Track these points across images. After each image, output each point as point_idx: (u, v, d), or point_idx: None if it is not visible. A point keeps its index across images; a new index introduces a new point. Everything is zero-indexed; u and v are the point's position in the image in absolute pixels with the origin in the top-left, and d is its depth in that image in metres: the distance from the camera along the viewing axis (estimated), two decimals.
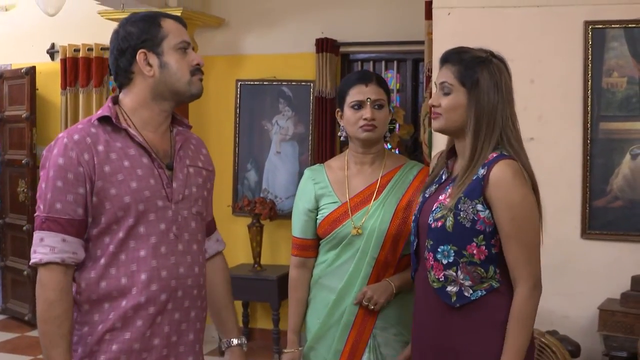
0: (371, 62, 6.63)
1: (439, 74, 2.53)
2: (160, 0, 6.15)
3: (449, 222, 2.41)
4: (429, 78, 5.13)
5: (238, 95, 6.66)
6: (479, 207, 2.41)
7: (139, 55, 2.36)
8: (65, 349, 2.24)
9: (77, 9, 6.65)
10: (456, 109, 2.46)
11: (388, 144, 5.04)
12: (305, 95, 6.55)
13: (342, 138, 3.06)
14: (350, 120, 2.96)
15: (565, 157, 4.26)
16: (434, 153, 4.44)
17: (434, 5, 4.47)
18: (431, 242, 2.47)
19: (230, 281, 2.73)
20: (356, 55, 6.64)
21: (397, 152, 5.93)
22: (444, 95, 2.48)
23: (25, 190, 7.02)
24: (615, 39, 4.19)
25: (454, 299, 2.44)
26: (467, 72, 2.45)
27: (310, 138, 6.55)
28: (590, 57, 4.20)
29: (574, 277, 4.20)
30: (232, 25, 6.71)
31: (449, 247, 2.42)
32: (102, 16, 6.38)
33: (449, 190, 2.48)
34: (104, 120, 2.36)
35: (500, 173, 2.39)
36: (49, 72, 7.20)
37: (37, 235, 2.28)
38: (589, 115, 4.22)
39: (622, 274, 4.06)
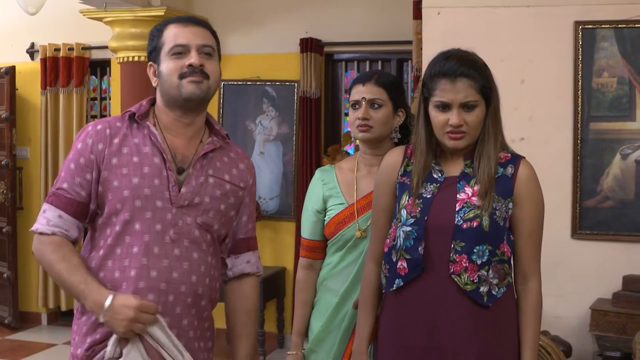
0: (355, 62, 6.61)
1: (448, 91, 2.38)
2: (144, 0, 6.08)
3: (485, 221, 2.38)
4: (417, 78, 5.11)
5: (221, 96, 6.61)
6: (510, 205, 2.42)
7: (148, 68, 2.48)
8: (85, 271, 2.30)
9: (58, 7, 6.57)
10: (481, 123, 2.43)
11: None
12: (289, 95, 6.52)
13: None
14: (350, 121, 2.95)
15: (556, 157, 4.26)
16: None
17: (423, 4, 4.45)
18: (462, 244, 2.38)
19: (255, 310, 2.61)
20: (340, 55, 6.61)
21: None
22: (468, 112, 2.39)
23: (5, 191, 6.91)
24: (606, 39, 4.20)
25: (485, 298, 2.40)
26: (484, 82, 2.40)
27: (294, 138, 6.51)
28: (580, 57, 4.21)
29: (564, 277, 4.20)
30: (215, 24, 6.43)
31: (485, 247, 2.38)
32: (84, 15, 6.30)
33: (472, 189, 2.42)
34: (134, 116, 2.44)
35: (529, 171, 2.45)
36: (29, 71, 7.10)
37: (43, 206, 2.40)
38: (580, 115, 4.23)
39: (613, 274, 4.08)
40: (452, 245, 2.40)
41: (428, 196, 2.46)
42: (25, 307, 7.11)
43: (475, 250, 2.38)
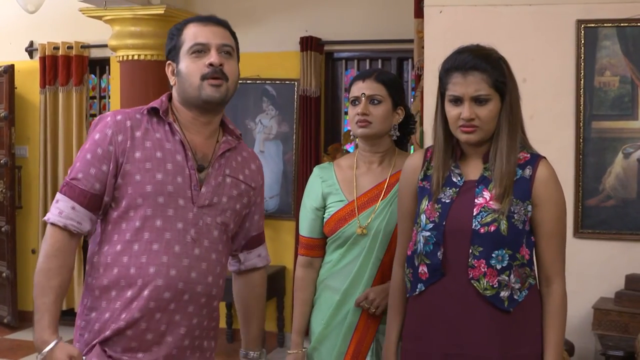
0: (355, 61, 6.60)
1: (460, 84, 2.36)
2: None
3: (503, 225, 2.34)
4: (418, 77, 5.10)
5: None
6: (529, 207, 2.38)
7: (167, 67, 2.47)
8: (52, 300, 2.28)
9: (57, 6, 6.54)
10: (495, 118, 2.38)
11: (411, 146, 4.97)
12: (289, 94, 6.50)
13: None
14: (350, 117, 2.94)
15: (558, 156, 4.21)
16: None
17: (425, 3, 4.44)
18: (480, 249, 2.35)
19: (263, 296, 2.75)
20: (340, 54, 6.60)
21: None
22: (481, 106, 2.36)
23: (4, 190, 6.89)
24: (608, 38, 4.19)
25: (506, 303, 2.36)
26: (500, 77, 2.37)
27: (294, 137, 6.50)
28: (582, 55, 4.21)
29: (567, 276, 4.14)
30: None
31: (504, 251, 2.35)
32: (83, 13, 6.28)
33: (491, 193, 2.38)
34: (153, 111, 2.42)
35: (548, 172, 2.41)
36: (28, 70, 7.07)
37: (57, 196, 2.37)
38: (582, 114, 4.22)
39: (616, 273, 4.08)
40: (471, 250, 2.37)
41: (447, 201, 2.43)
42: (25, 306, 7.07)
43: (493, 255, 2.35)
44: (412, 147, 5.15)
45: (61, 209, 2.33)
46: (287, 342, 6.43)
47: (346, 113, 6.61)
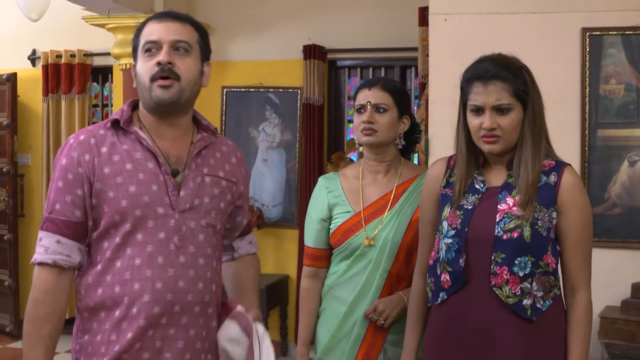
0: (358, 69, 6.60)
1: (481, 94, 2.35)
2: (146, 7, 6.06)
3: (527, 232, 2.31)
4: (423, 85, 5.10)
5: (224, 102, 6.59)
6: (554, 214, 2.35)
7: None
8: (42, 353, 2.19)
9: (59, 14, 6.53)
10: (517, 127, 2.35)
11: (416, 155, 4.96)
12: (292, 102, 6.50)
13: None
14: (355, 125, 2.91)
15: None
16: (431, 160, 4.42)
17: (430, 11, 4.44)
18: (503, 255, 2.32)
19: (259, 271, 2.66)
20: (343, 62, 6.60)
21: None
22: (502, 116, 2.33)
23: (7, 199, 6.88)
24: (613, 46, 4.19)
25: (529, 312, 2.33)
26: (519, 85, 2.34)
27: (297, 145, 6.49)
28: (587, 63, 4.20)
29: None
30: (217, 31, 6.64)
31: (527, 258, 2.32)
32: (86, 22, 6.28)
33: (514, 199, 2.36)
34: (117, 123, 2.30)
35: (574, 179, 2.38)
36: (30, 78, 7.07)
37: (39, 234, 2.26)
38: (587, 122, 4.21)
39: (622, 281, 4.06)
40: (493, 257, 2.34)
41: (469, 207, 2.41)
42: None
43: (516, 262, 2.32)
44: (416, 155, 5.14)
45: (46, 246, 2.22)
46: (290, 351, 6.40)
47: (349, 121, 6.61)
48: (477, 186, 2.43)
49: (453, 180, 2.47)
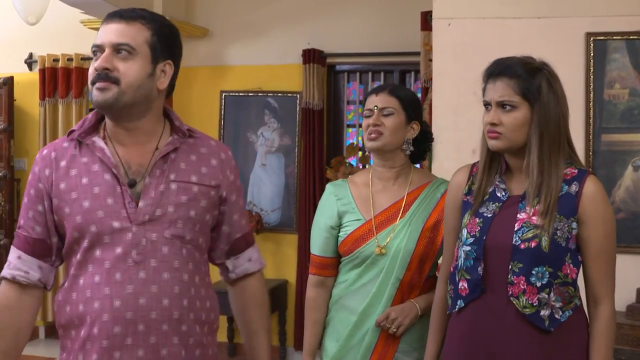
0: (357, 74, 6.59)
1: (490, 90, 2.35)
2: None
3: (545, 242, 2.27)
4: (426, 90, 5.08)
5: (222, 107, 6.57)
6: (574, 224, 2.30)
7: None
8: None
9: (56, 18, 6.49)
10: (521, 127, 2.31)
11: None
12: (291, 106, 6.48)
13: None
14: (363, 129, 2.87)
15: None
16: (434, 165, 4.40)
17: (434, 15, 4.42)
18: (520, 265, 2.29)
19: (266, 303, 2.50)
20: (342, 67, 6.58)
21: None
22: (505, 112, 2.31)
23: (3, 203, 6.83)
24: (617, 51, 4.19)
25: (547, 323, 2.29)
26: (529, 84, 2.31)
27: (296, 150, 6.47)
28: (592, 68, 4.20)
29: None
30: (216, 35, 6.62)
31: (544, 268, 2.27)
32: (85, 25, 6.25)
33: (534, 208, 2.31)
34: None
35: (596, 188, 2.31)
36: (27, 82, 7.03)
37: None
38: (591, 127, 4.21)
39: (627, 286, 4.04)
40: (510, 267, 2.30)
41: (489, 215, 2.38)
42: None
43: (533, 272, 2.28)
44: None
45: (10, 261, 2.20)
46: (288, 356, 6.38)
47: (349, 126, 6.61)
48: (499, 194, 2.40)
49: (474, 188, 2.46)
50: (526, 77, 2.31)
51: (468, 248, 2.38)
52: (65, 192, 2.15)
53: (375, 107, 2.82)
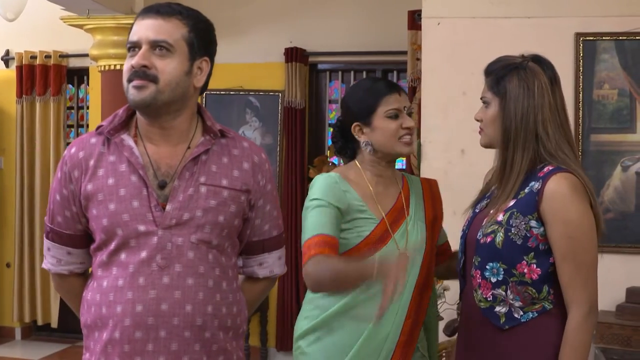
0: (340, 72, 6.56)
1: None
2: (127, 7, 5.96)
3: (499, 237, 2.24)
4: (413, 89, 5.07)
5: (203, 105, 6.48)
6: (533, 223, 2.23)
7: None
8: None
9: (33, 14, 6.41)
10: (493, 122, 2.34)
11: (403, 159, 4.88)
12: (273, 105, 6.44)
13: (370, 152, 2.61)
14: (387, 132, 2.56)
15: None
16: (423, 165, 4.39)
17: (423, 15, 4.41)
18: (479, 259, 2.30)
19: (254, 306, 2.39)
20: (324, 65, 6.55)
21: None
22: (484, 109, 2.38)
23: None
24: (606, 51, 4.20)
25: (502, 320, 2.26)
26: (497, 81, 2.33)
27: (278, 149, 6.43)
28: (581, 68, 4.21)
29: None
30: None
31: (498, 264, 2.25)
32: (65, 22, 6.14)
33: (498, 204, 2.32)
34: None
35: (556, 187, 2.21)
36: (4, 79, 6.92)
37: (45, 242, 2.26)
38: (580, 127, 4.22)
39: (616, 286, 4.07)
40: (473, 260, 2.34)
41: (477, 211, 2.44)
42: (1, 321, 6.90)
43: (488, 267, 2.28)
44: (404, 159, 5.12)
45: (58, 257, 2.23)
46: (270, 357, 6.34)
47: (331, 125, 6.55)
48: (496, 191, 2.42)
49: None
50: (498, 73, 2.35)
51: (459, 243, 2.48)
52: (92, 194, 2.11)
53: (405, 108, 2.60)
